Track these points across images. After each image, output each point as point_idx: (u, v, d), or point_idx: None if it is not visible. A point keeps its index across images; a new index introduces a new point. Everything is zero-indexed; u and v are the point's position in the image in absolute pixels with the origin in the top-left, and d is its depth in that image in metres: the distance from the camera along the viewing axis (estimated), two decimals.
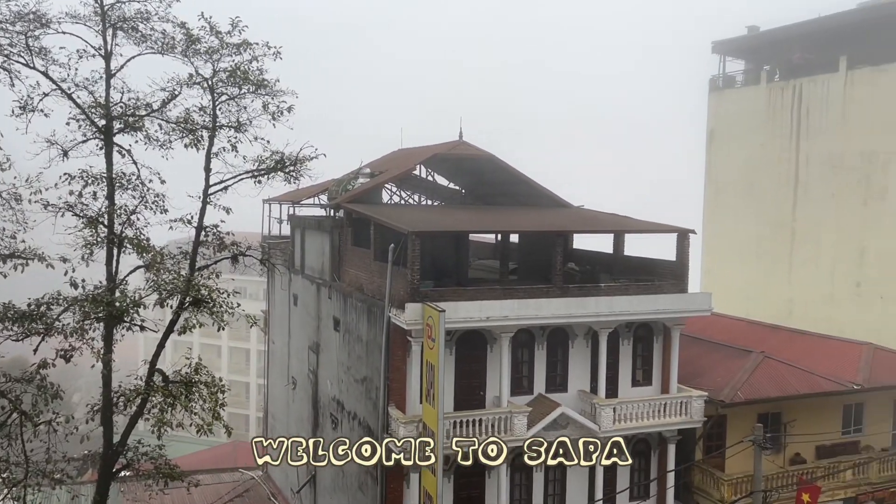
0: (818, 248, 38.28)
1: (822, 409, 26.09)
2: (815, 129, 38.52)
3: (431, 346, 19.34)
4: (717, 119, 44.39)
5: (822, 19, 38.71)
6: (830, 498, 25.00)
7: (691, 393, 23.65)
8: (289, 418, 31.23)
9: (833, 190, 37.64)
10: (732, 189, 43.30)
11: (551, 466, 22.99)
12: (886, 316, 34.78)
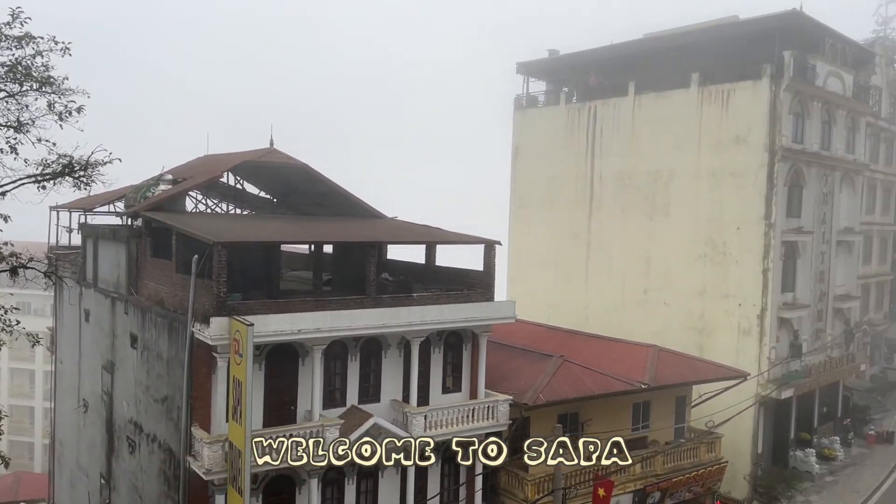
0: (610, 259, 41.32)
1: (615, 408, 28.08)
2: (608, 149, 41.60)
3: (239, 362, 18.60)
4: (521, 136, 46.67)
5: (613, 46, 41.92)
6: (622, 491, 26.92)
7: (497, 397, 24.55)
8: (79, 444, 28.77)
9: (623, 205, 40.79)
10: (535, 202, 45.67)
11: (363, 477, 22.91)
12: (668, 319, 38.18)
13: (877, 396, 48.61)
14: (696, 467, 28.96)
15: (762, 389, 34.65)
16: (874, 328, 49.38)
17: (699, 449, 29.39)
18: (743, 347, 35.53)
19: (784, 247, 36.31)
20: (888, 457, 40.38)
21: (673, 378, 28.77)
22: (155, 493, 21.88)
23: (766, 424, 36.65)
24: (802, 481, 36.62)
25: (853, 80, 40.96)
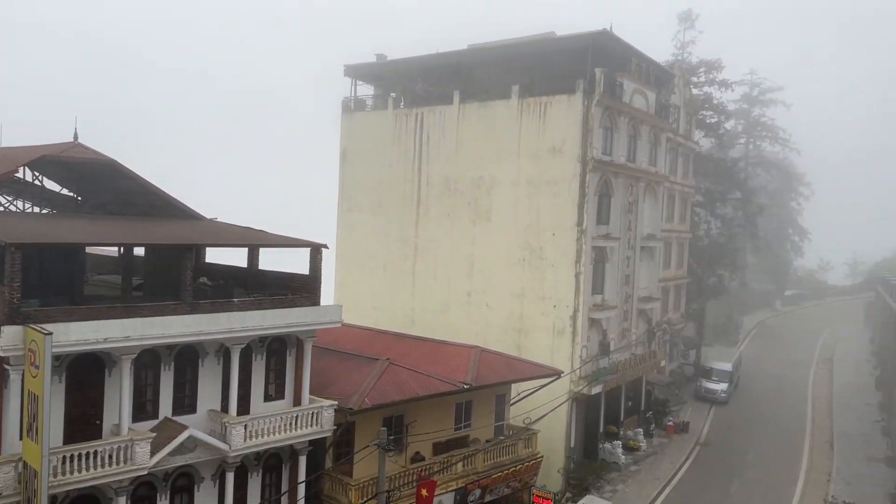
0: (436, 262, 42.13)
1: (439, 408, 28.64)
2: (435, 155, 42.41)
3: (35, 374, 17.04)
4: (349, 139, 46.49)
5: (439, 55, 42.80)
6: (445, 490, 27.47)
7: (322, 403, 24.24)
8: None
9: (448, 210, 41.74)
10: (363, 205, 45.66)
11: (178, 492, 21.78)
12: (490, 321, 39.52)
13: (675, 390, 53.12)
14: (514, 463, 30.16)
15: (574, 386, 36.72)
16: (673, 327, 53.90)
17: (517, 445, 30.63)
18: (557, 347, 37.48)
19: (594, 252, 38.70)
20: (684, 444, 44.19)
21: (493, 377, 29.79)
22: None
23: (577, 419, 38.89)
24: (610, 472, 39.20)
25: (655, 98, 44.48)
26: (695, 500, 36.79)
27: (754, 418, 49.08)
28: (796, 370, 61.54)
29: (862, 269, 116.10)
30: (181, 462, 20.98)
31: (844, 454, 42.62)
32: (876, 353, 64.84)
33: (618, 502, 35.91)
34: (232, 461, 22.11)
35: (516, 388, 31.78)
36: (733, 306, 73.68)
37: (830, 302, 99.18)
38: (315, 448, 24.65)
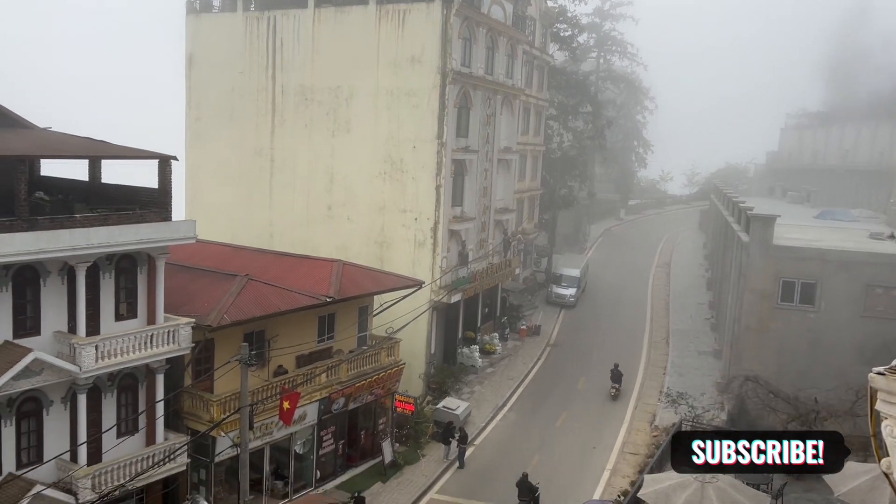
0: (295, 175, 41.20)
1: (302, 322, 28.63)
2: (290, 62, 40.80)
3: None
4: (195, 43, 43.72)
5: None
6: (309, 400, 27.82)
7: (178, 321, 23.58)
8: None
9: (306, 121, 40.63)
10: (214, 115, 43.52)
11: (23, 418, 20.77)
12: (351, 234, 39.47)
13: (528, 296, 55.78)
14: (377, 371, 30.89)
15: (435, 296, 37.70)
16: (527, 237, 56.13)
17: (380, 354, 31.32)
18: (418, 258, 38.15)
19: (454, 164, 39.18)
20: (536, 346, 46.86)
21: (356, 290, 30.02)
22: None
23: (437, 327, 40.15)
24: (468, 374, 41.07)
25: (513, 9, 44.66)
26: (545, 396, 39.38)
27: (600, 319, 52.62)
28: (638, 274, 66.06)
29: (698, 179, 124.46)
30: (27, 386, 19.93)
31: (679, 349, 46.75)
32: (707, 256, 70.58)
33: (475, 402, 37.83)
34: (83, 383, 21.25)
35: (379, 300, 32.24)
36: (582, 216, 77.41)
37: (670, 211, 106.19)
38: (173, 366, 24.10)
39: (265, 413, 25.60)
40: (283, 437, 27.83)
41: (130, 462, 22.38)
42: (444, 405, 35.68)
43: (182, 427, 24.96)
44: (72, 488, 20.87)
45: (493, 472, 31.81)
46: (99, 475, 21.51)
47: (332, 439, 30.07)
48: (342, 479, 30.39)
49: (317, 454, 29.32)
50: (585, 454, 33.19)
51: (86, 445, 21.61)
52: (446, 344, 41.86)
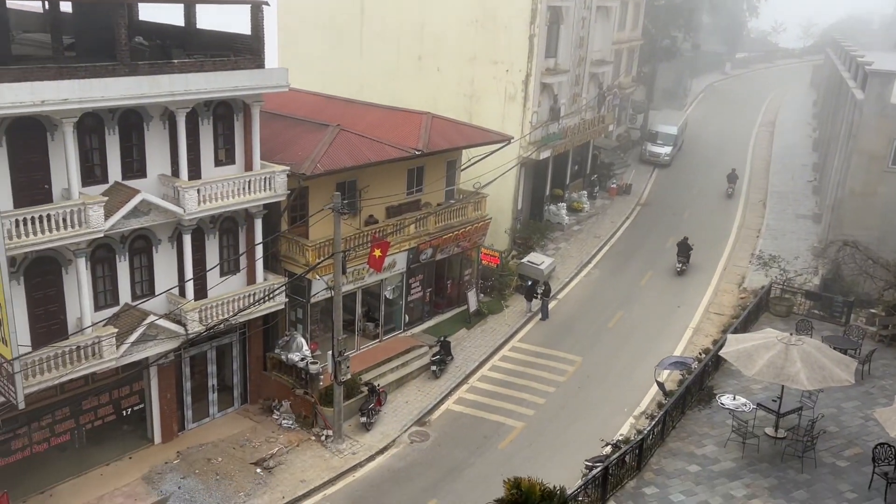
0: (385, 25, 40.35)
1: (392, 174, 29.02)
2: None
3: None
4: None
5: None
6: (398, 249, 28.70)
7: (274, 168, 24.28)
8: None
9: None
10: None
11: (136, 254, 22.30)
12: (441, 87, 38.88)
13: (620, 154, 54.43)
14: (464, 225, 31.35)
15: (524, 151, 37.29)
16: (623, 91, 53.94)
17: (467, 208, 31.65)
18: (508, 112, 37.46)
19: (549, 12, 37.43)
20: (625, 205, 46.24)
21: (444, 144, 29.98)
22: None
23: (525, 183, 39.97)
24: (554, 231, 41.18)
25: None
26: (631, 255, 39.27)
27: (694, 180, 51.10)
28: (739, 132, 63.13)
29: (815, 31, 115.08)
30: (136, 225, 21.24)
31: (776, 212, 45.23)
32: (816, 115, 66.52)
33: (560, 258, 38.16)
34: (187, 224, 22.48)
35: (467, 154, 32.16)
36: (684, 70, 73.47)
37: (780, 65, 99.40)
38: (270, 212, 25.09)
39: (357, 259, 26.62)
40: (374, 283, 29.03)
41: (233, 299, 23.92)
42: (528, 260, 36.17)
43: (280, 269, 26.32)
44: (181, 320, 22.62)
45: (574, 324, 32.53)
46: (205, 309, 23.16)
47: (420, 287, 31.19)
48: (429, 324, 31.76)
49: (405, 300, 30.56)
50: (669, 312, 33.36)
51: (192, 282, 23.18)
52: (533, 200, 41.78)
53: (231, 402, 26.43)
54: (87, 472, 22.28)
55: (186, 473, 22.51)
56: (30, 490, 20.93)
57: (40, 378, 19.25)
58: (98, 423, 22.62)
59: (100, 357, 20.42)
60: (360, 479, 23.32)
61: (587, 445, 22.84)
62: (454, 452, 24.35)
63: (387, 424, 25.82)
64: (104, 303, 21.79)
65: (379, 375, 27.61)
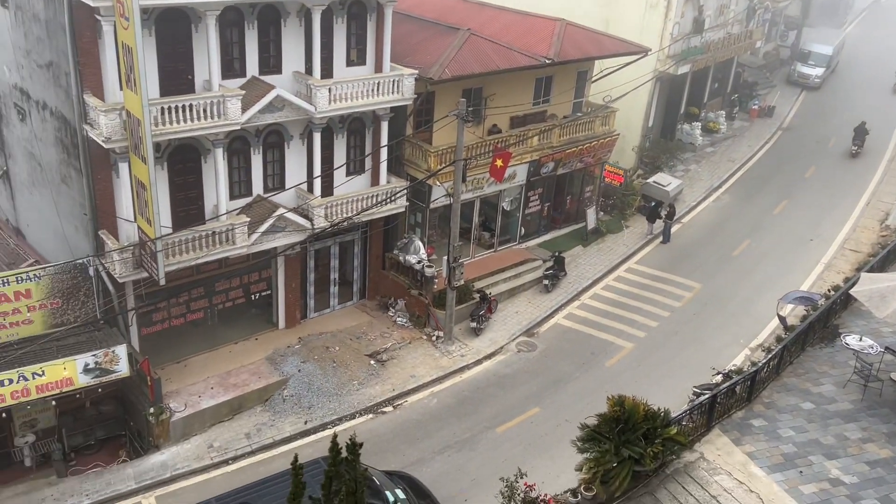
0: None
1: (519, 82, 28.48)
2: None
3: (126, 26, 17.38)
4: None
5: None
6: (520, 161, 28.45)
7: (403, 71, 24.34)
8: None
9: None
10: None
11: (268, 148, 23.20)
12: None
13: (766, 73, 50.94)
14: (589, 139, 30.59)
15: (661, 65, 35.55)
16: (776, 4, 49.97)
17: (594, 122, 30.78)
18: (648, 23, 35.59)
19: None
20: (765, 128, 43.59)
21: (577, 53, 28.98)
22: (55, 160, 21.63)
23: (659, 99, 38.28)
24: (685, 152, 39.54)
25: None
26: (766, 182, 37.28)
27: (845, 105, 47.21)
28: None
29: None
30: (270, 120, 22.01)
31: None
32: None
33: (689, 180, 36.76)
34: (318, 122, 23.08)
35: (599, 65, 31.01)
36: None
37: None
38: (396, 115, 25.34)
39: (477, 169, 26.64)
40: (493, 193, 29.06)
41: (357, 199, 24.63)
42: (654, 180, 35.07)
43: (403, 173, 26.75)
44: (308, 215, 23.58)
45: (696, 250, 31.57)
46: (330, 206, 24.01)
47: (538, 200, 30.99)
48: (544, 238, 31.67)
49: (523, 212, 30.50)
50: (800, 245, 31.74)
51: (319, 179, 23.99)
52: (666, 118, 40.07)
53: (350, 297, 27.63)
54: (217, 348, 24.08)
55: (306, 358, 23.93)
56: (167, 359, 22.90)
57: (179, 258, 20.74)
58: (229, 304, 24.27)
59: (232, 243, 21.71)
60: (466, 380, 24.10)
61: (696, 373, 22.55)
62: (560, 365, 24.65)
63: (496, 332, 26.34)
64: (238, 193, 22.95)
65: (491, 284, 28.00)
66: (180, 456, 20.62)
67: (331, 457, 10.97)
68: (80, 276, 20.61)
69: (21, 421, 20.36)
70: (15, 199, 25.47)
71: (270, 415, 22.14)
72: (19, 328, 20.06)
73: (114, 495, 19.33)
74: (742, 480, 15.90)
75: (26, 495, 19.54)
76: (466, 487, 19.28)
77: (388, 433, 21.58)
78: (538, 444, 20.91)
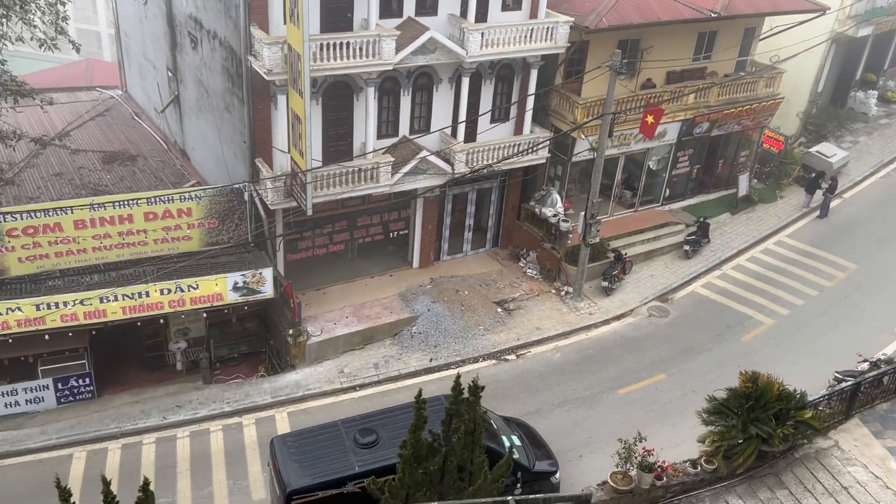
0: None
1: (679, 36, 27.17)
2: None
3: None
4: None
5: None
6: (672, 119, 27.34)
7: (558, 19, 23.80)
8: (143, 37, 29.43)
9: None
10: None
11: (417, 91, 23.49)
12: None
13: None
14: (750, 101, 28.87)
15: (839, 26, 32.77)
16: None
17: (758, 83, 28.97)
18: None
19: None
20: None
21: (747, 8, 27.20)
22: (220, 88, 22.90)
23: (833, 63, 35.40)
24: (856, 122, 36.57)
25: None
26: None
27: None
28: None
29: None
30: (422, 62, 22.22)
31: None
32: None
33: (856, 153, 34.10)
34: (468, 67, 23.08)
35: (769, 22, 29.01)
36: None
37: None
38: (547, 63, 24.90)
39: (625, 124, 25.85)
40: (639, 151, 28.17)
41: (499, 146, 24.60)
42: (817, 150, 32.77)
43: (547, 124, 26.39)
44: (450, 159, 23.83)
45: (856, 227, 29.42)
46: (472, 152, 24.13)
47: (687, 162, 29.74)
48: (690, 202, 30.47)
49: (669, 173, 29.42)
50: None
51: (464, 124, 24.11)
52: (838, 84, 37.07)
53: (483, 244, 27.87)
54: (354, 280, 25.09)
55: (436, 299, 24.50)
56: (308, 286, 24.12)
57: (326, 191, 21.61)
58: (368, 240, 25.14)
59: (376, 181, 22.34)
60: (592, 338, 23.91)
61: (840, 358, 21.24)
62: (692, 334, 23.93)
63: (627, 293, 25.85)
64: (385, 133, 23.48)
65: (628, 244, 27.39)
66: (313, 377, 21.84)
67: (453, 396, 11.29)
68: (236, 199, 21.93)
69: (175, 328, 22.20)
70: (183, 122, 27.25)
71: (398, 349, 22.96)
72: (179, 243, 21.68)
73: (251, 406, 20.82)
74: (879, 475, 15.02)
75: (175, 395, 21.40)
76: (582, 443, 19.32)
77: (509, 380, 21.86)
78: (660, 411, 20.55)
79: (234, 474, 18.54)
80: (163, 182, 24.88)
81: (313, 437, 16.19)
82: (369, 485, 11.70)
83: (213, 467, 18.77)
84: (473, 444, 11.54)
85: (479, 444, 11.65)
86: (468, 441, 11.43)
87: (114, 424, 20.07)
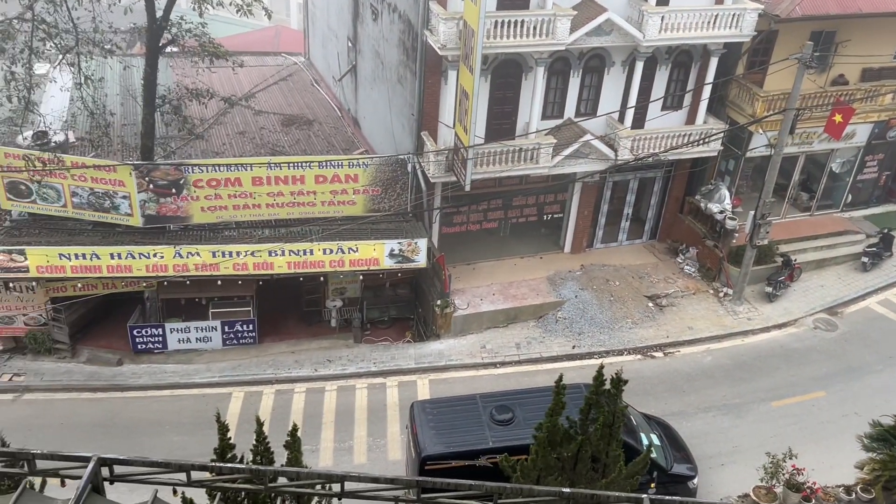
0: None
1: (881, 30, 24.92)
2: None
3: None
4: None
5: None
6: (863, 120, 25.29)
7: (746, 5, 22.50)
8: (328, 7, 30.74)
9: None
10: None
11: (587, 73, 23.07)
12: None
13: None
14: None
15: None
16: None
17: None
18: None
19: None
20: None
21: None
22: (395, 60, 23.57)
23: None
24: None
25: None
26: None
27: None
28: None
29: None
30: (596, 44, 21.80)
31: None
32: None
33: None
34: (643, 51, 22.38)
35: None
36: None
37: None
38: (728, 52, 23.66)
39: (810, 121, 24.14)
40: (822, 152, 26.26)
41: (668, 135, 23.74)
42: None
43: (723, 115, 25.15)
44: (614, 145, 23.29)
45: None
46: (638, 139, 23.45)
47: (876, 167, 27.40)
48: (874, 211, 28.13)
49: (854, 177, 27.24)
50: None
51: (633, 110, 23.45)
52: None
53: (640, 235, 27.13)
54: (504, 258, 25.23)
55: (584, 286, 24.18)
56: (459, 259, 24.53)
57: (485, 168, 21.79)
58: (522, 220, 25.16)
59: (536, 162, 22.25)
60: (748, 345, 22.76)
61: None
62: (861, 353, 22.20)
63: (792, 302, 24.34)
64: (550, 113, 23.29)
65: (798, 250, 25.72)
66: (455, 349, 22.29)
67: (594, 385, 11.14)
68: (400, 170, 22.60)
69: (333, 287, 23.33)
70: (357, 92, 28.32)
71: (541, 331, 22.91)
72: (344, 207, 22.68)
73: (395, 369, 21.59)
74: None
75: (328, 350, 22.56)
76: (725, 452, 18.51)
77: (654, 378, 21.28)
78: (815, 430, 19.29)
79: (374, 432, 19.34)
80: (334, 147, 26.05)
81: (451, 407, 16.55)
82: (502, 461, 11.80)
83: (356, 423, 19.68)
84: (611, 436, 11.35)
85: (616, 437, 11.44)
86: (605, 433, 11.25)
87: (270, 370, 21.49)
